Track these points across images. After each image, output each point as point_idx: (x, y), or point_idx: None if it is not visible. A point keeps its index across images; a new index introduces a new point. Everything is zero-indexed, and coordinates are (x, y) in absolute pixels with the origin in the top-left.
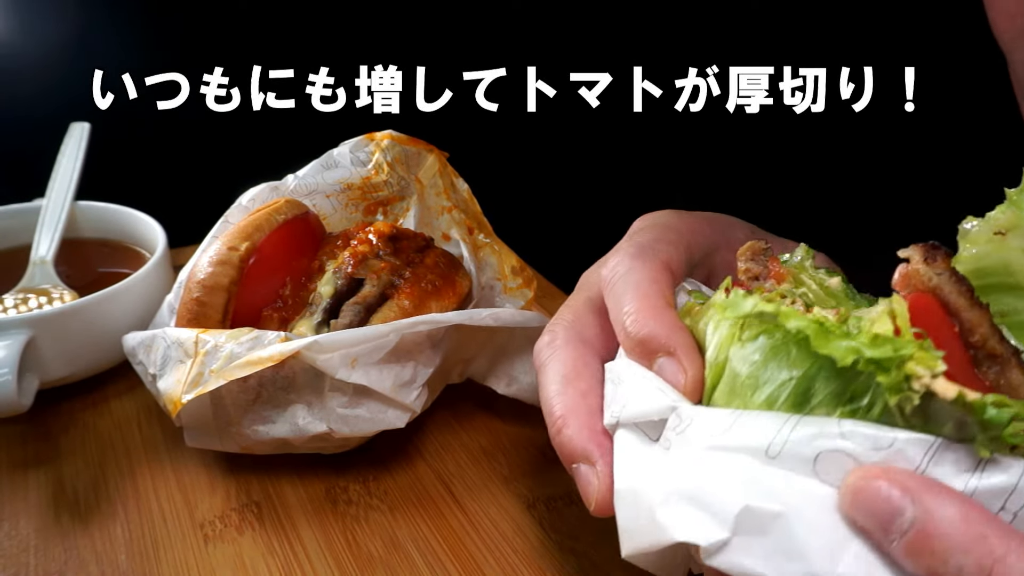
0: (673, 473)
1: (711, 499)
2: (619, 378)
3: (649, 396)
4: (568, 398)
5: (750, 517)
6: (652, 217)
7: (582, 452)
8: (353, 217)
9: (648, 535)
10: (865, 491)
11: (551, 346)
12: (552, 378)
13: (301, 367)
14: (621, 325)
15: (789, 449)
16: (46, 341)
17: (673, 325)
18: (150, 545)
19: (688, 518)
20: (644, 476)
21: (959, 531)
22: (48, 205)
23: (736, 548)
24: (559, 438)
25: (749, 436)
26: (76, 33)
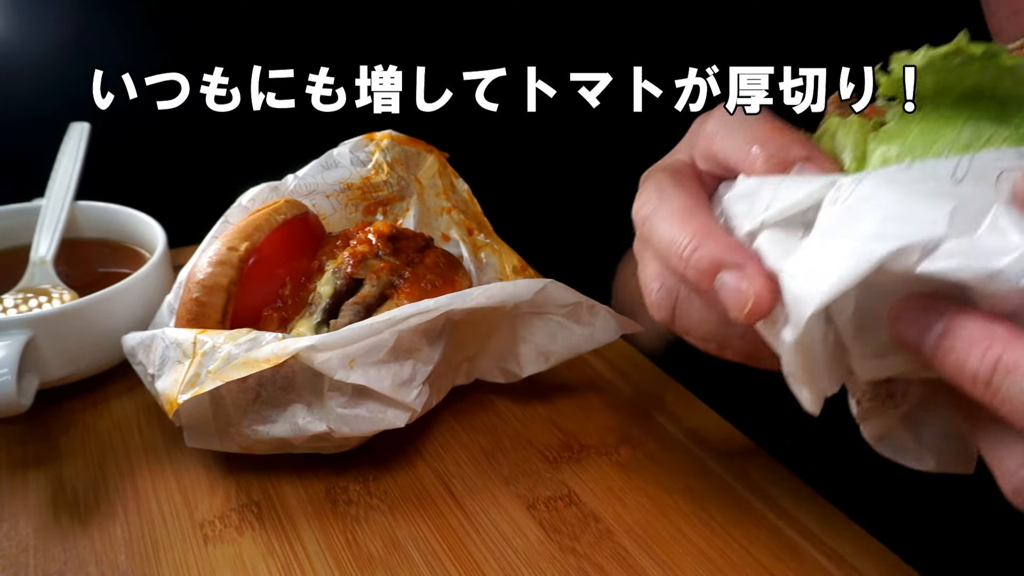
0: (858, 214)
1: (915, 208)
2: (750, 191)
3: (798, 183)
4: (695, 226)
5: (960, 217)
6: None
7: (728, 258)
8: (353, 217)
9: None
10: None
11: (658, 196)
12: (668, 218)
13: (300, 367)
14: (746, 152)
15: (973, 173)
16: (46, 341)
17: (801, 138)
18: (150, 545)
19: (897, 231)
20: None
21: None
22: (48, 205)
23: (954, 248)
24: (697, 254)
25: (930, 169)
26: (76, 33)
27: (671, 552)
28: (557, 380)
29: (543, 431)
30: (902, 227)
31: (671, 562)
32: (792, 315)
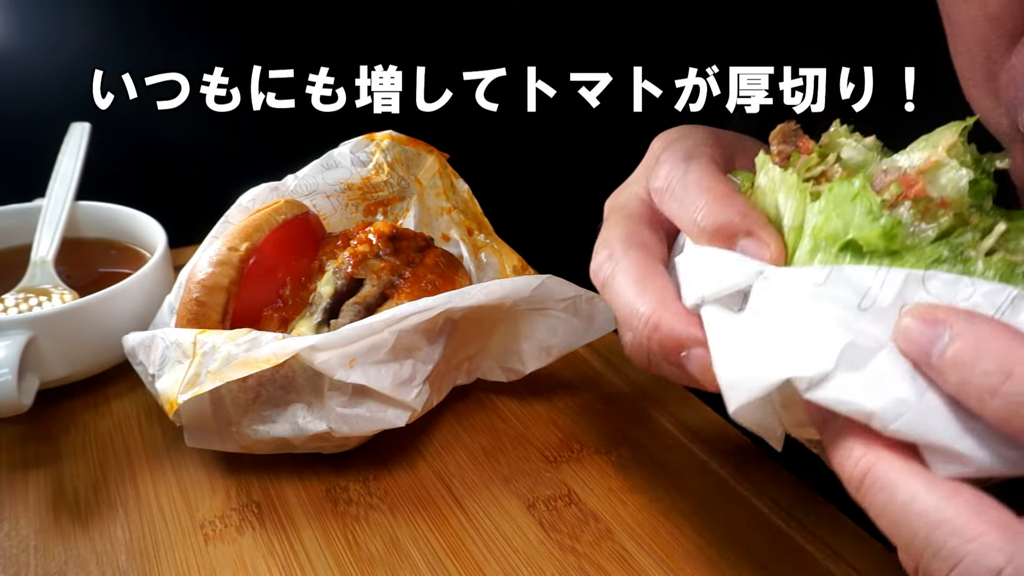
0: (769, 325)
1: (813, 338)
2: (692, 265)
3: (731, 268)
4: (651, 296)
5: (851, 353)
6: (673, 131)
7: (689, 336)
8: (353, 217)
9: (752, 383)
10: (910, 325)
11: (611, 259)
12: (624, 284)
13: (300, 367)
14: (692, 221)
15: (879, 302)
16: (46, 341)
17: (744, 207)
18: (150, 545)
19: (790, 357)
20: (740, 337)
21: (987, 342)
22: (48, 205)
23: (837, 381)
24: (658, 335)
25: (840, 290)
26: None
27: (671, 552)
28: (557, 380)
29: (543, 431)
30: (798, 355)
31: (671, 562)
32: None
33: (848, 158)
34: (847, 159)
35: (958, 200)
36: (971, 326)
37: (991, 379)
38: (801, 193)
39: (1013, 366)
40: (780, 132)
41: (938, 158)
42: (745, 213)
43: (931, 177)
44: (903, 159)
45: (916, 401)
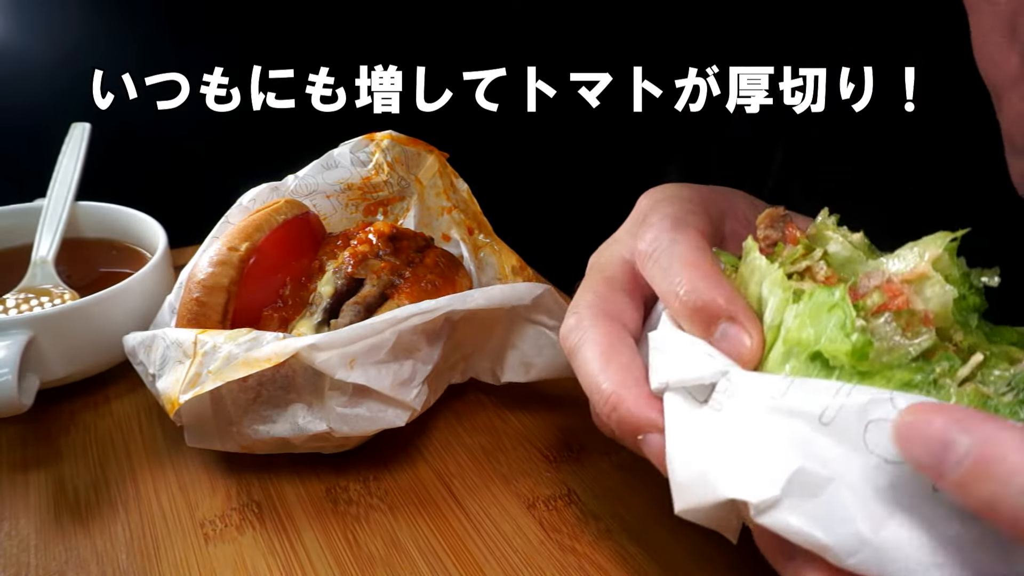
0: (725, 433)
1: (764, 459)
2: (663, 346)
3: (698, 361)
4: (614, 373)
5: (802, 479)
6: (661, 191)
7: (647, 421)
8: (353, 217)
9: (700, 491)
10: (916, 425)
11: (579, 327)
12: (590, 357)
13: (301, 366)
14: (674, 295)
15: (842, 417)
16: (47, 341)
17: (730, 291)
18: (151, 544)
19: (740, 476)
20: (696, 435)
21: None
22: (49, 205)
23: (786, 508)
24: (616, 415)
25: (802, 402)
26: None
27: (671, 552)
28: (557, 380)
29: (543, 431)
30: (747, 476)
31: (671, 562)
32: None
33: (834, 253)
34: (833, 254)
35: (942, 316)
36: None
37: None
38: (784, 291)
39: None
40: (768, 217)
41: (924, 270)
42: (730, 297)
43: (916, 288)
44: (890, 263)
45: (872, 537)
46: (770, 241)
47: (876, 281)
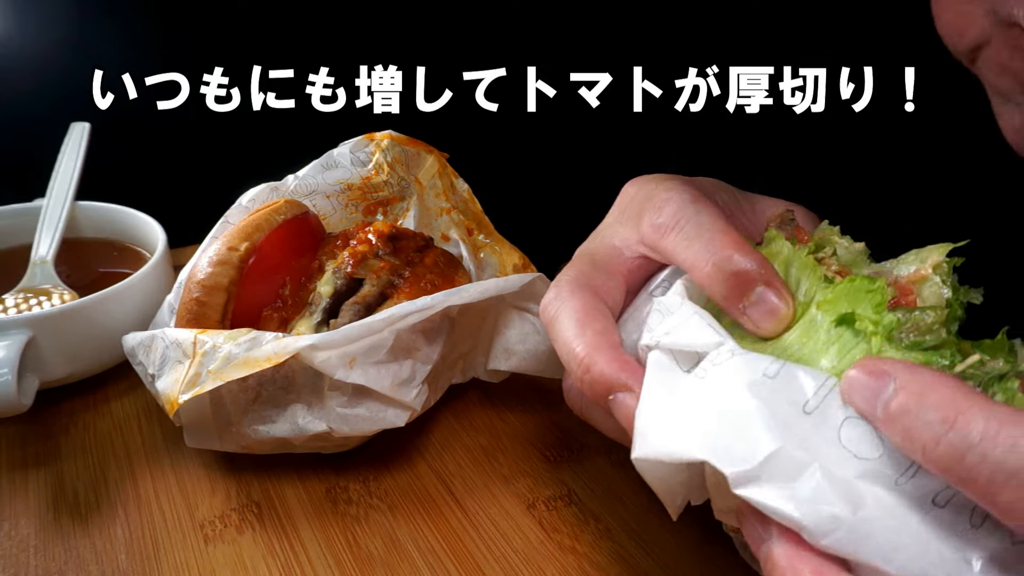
0: (706, 398)
1: (744, 432)
2: (668, 309)
3: (699, 329)
4: (588, 337)
5: (781, 459)
6: (648, 179)
7: (617, 381)
8: (353, 217)
9: (671, 446)
10: (855, 377)
11: (558, 298)
12: (566, 324)
13: (300, 367)
14: (705, 261)
15: (822, 409)
16: (46, 341)
17: (763, 258)
18: (150, 545)
19: (717, 443)
20: (674, 394)
21: (931, 392)
22: (48, 205)
23: (764, 483)
24: (590, 375)
25: (790, 387)
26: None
27: (671, 552)
28: (557, 381)
29: (543, 431)
30: (726, 445)
31: (671, 562)
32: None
33: (840, 255)
34: (839, 255)
35: (939, 310)
36: (914, 375)
37: (934, 428)
38: (815, 272)
39: (956, 415)
40: (778, 217)
41: (925, 272)
42: (764, 263)
43: (918, 288)
44: (894, 268)
45: (849, 517)
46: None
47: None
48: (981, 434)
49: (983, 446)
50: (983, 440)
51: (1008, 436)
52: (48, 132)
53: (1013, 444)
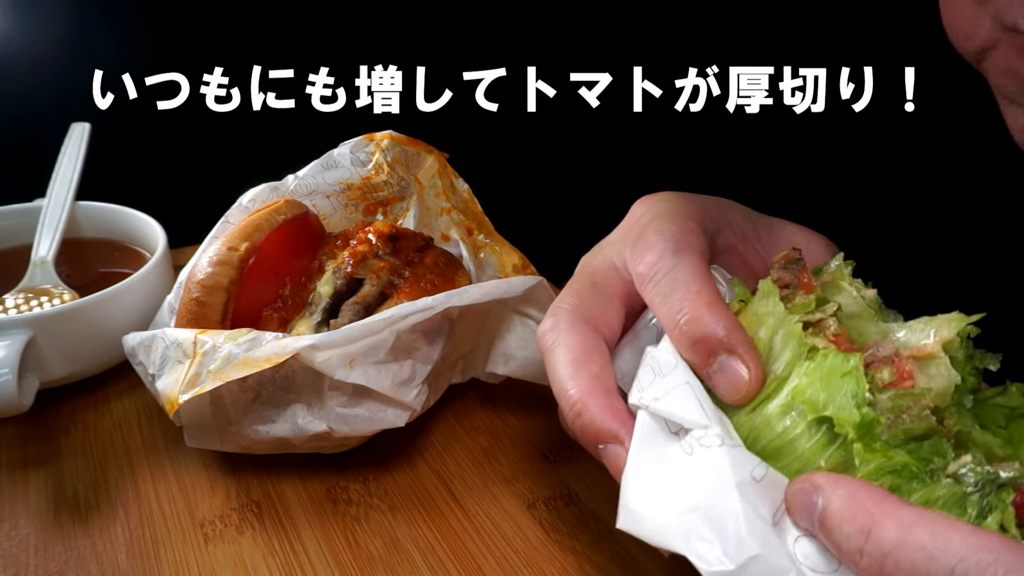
0: (691, 484)
1: (725, 531)
2: (660, 369)
3: (687, 403)
4: (583, 380)
5: (759, 566)
6: (658, 201)
7: (608, 432)
8: (353, 217)
9: (652, 531)
10: (791, 496)
11: (555, 329)
12: (561, 362)
13: (300, 367)
14: (675, 323)
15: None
16: (46, 341)
17: (732, 324)
18: (150, 545)
19: (700, 539)
20: (660, 468)
21: (847, 506)
22: (48, 205)
23: None
24: (580, 421)
25: (770, 495)
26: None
27: None
28: None
29: (543, 431)
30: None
31: (671, 562)
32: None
33: (844, 306)
34: (843, 307)
35: (942, 397)
36: (836, 490)
37: (855, 540)
38: (799, 345)
39: (871, 525)
40: (783, 258)
41: (933, 350)
42: (730, 328)
43: (922, 365)
44: (901, 333)
45: None
46: (783, 283)
47: (885, 351)
48: (894, 542)
49: (897, 553)
50: (897, 547)
51: (916, 540)
52: (48, 132)
53: (921, 546)
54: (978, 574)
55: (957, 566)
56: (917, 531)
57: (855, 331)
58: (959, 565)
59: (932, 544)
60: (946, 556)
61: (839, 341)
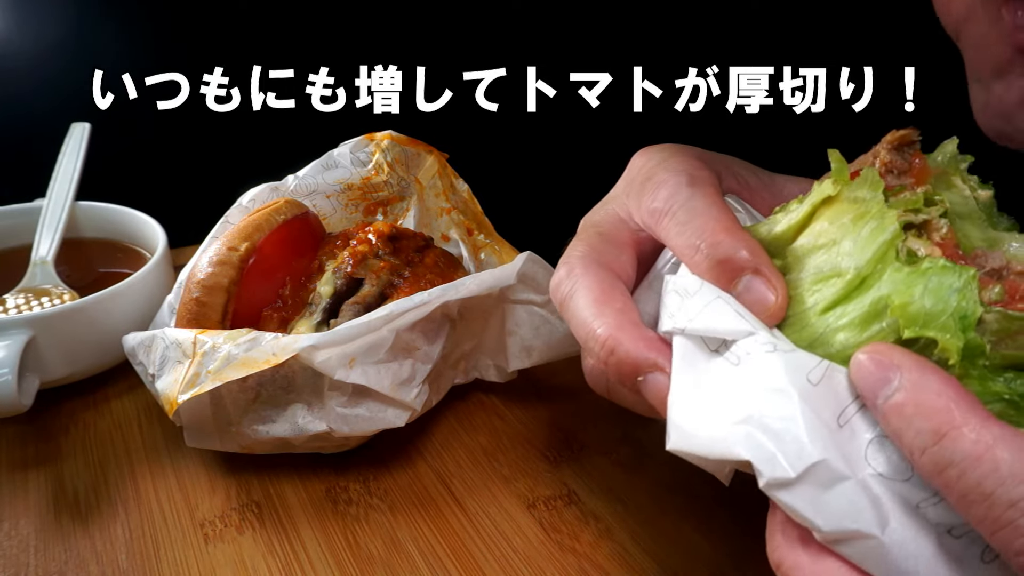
0: (743, 391)
1: (788, 439)
2: (686, 291)
3: (724, 315)
4: (609, 317)
5: (820, 471)
6: (659, 149)
7: (647, 361)
8: (353, 217)
9: (708, 444)
10: (864, 364)
11: (571, 276)
12: (582, 304)
13: (300, 367)
14: (694, 248)
15: (852, 425)
16: (46, 341)
17: (753, 244)
18: (150, 545)
19: (761, 446)
20: (708, 382)
21: (930, 399)
22: (49, 205)
23: (798, 492)
24: (614, 358)
25: (830, 395)
26: (76, 33)
27: (671, 552)
28: (557, 380)
29: (543, 431)
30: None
31: (671, 562)
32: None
33: (953, 204)
34: (953, 206)
35: None
36: (920, 377)
37: (923, 438)
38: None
39: (947, 430)
40: (897, 138)
41: None
42: (753, 250)
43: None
44: (1013, 245)
45: (870, 537)
46: (892, 167)
47: (995, 263)
48: (964, 454)
49: (964, 465)
50: (964, 460)
51: (991, 460)
52: (48, 132)
53: (994, 468)
54: None
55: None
56: (998, 449)
57: (961, 233)
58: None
59: (1008, 467)
60: (1019, 484)
61: (946, 246)
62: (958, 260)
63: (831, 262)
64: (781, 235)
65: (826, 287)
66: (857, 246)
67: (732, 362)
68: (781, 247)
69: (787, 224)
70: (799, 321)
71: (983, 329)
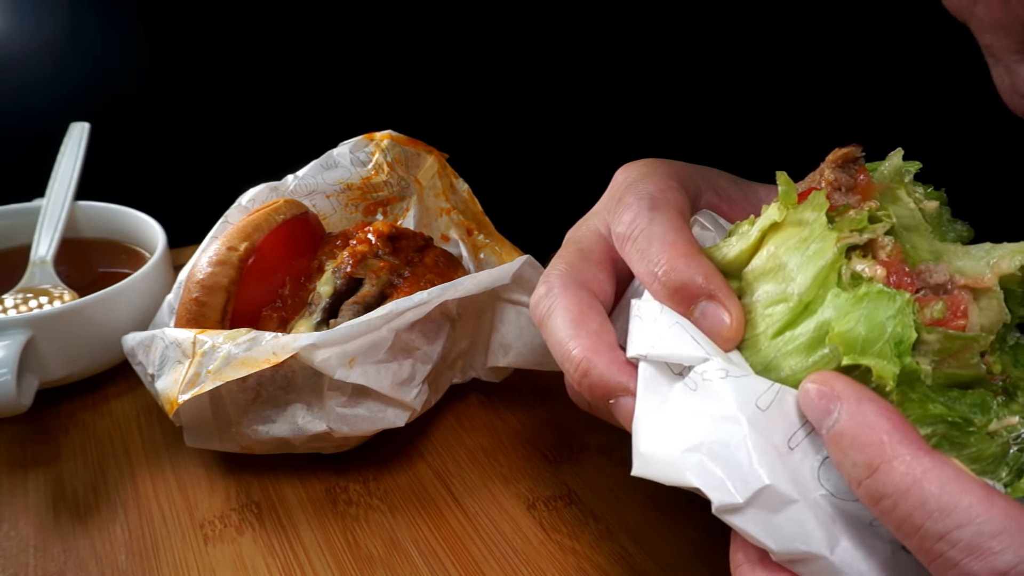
0: (698, 418)
1: (736, 465)
2: (650, 316)
3: (681, 342)
4: (584, 339)
5: (770, 496)
6: (639, 166)
7: (618, 385)
8: (353, 217)
9: (665, 470)
10: (809, 393)
11: (549, 295)
12: (559, 324)
13: (300, 366)
14: (653, 276)
15: (803, 447)
16: (46, 341)
17: (709, 270)
18: (150, 545)
19: (710, 473)
20: (667, 409)
21: (864, 433)
22: (48, 205)
23: (749, 516)
24: (588, 380)
25: (781, 420)
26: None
27: (671, 552)
28: (557, 380)
29: (543, 431)
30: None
31: (671, 562)
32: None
33: (900, 217)
34: (899, 219)
35: (988, 329)
36: (857, 409)
37: (858, 470)
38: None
39: (879, 464)
40: (840, 156)
41: (990, 284)
42: (708, 275)
43: (974, 295)
44: (958, 259)
45: (822, 557)
46: (838, 184)
47: (939, 278)
48: (895, 487)
49: (895, 497)
50: (895, 492)
51: (918, 494)
52: (48, 132)
53: (922, 502)
54: (972, 544)
55: (953, 532)
56: (926, 483)
57: (909, 246)
58: (955, 532)
59: (936, 501)
60: (945, 517)
61: (891, 264)
62: (904, 277)
63: (779, 287)
64: (735, 259)
65: (776, 311)
66: (800, 271)
67: (690, 388)
68: (737, 269)
69: (739, 248)
70: (754, 345)
71: (925, 350)
